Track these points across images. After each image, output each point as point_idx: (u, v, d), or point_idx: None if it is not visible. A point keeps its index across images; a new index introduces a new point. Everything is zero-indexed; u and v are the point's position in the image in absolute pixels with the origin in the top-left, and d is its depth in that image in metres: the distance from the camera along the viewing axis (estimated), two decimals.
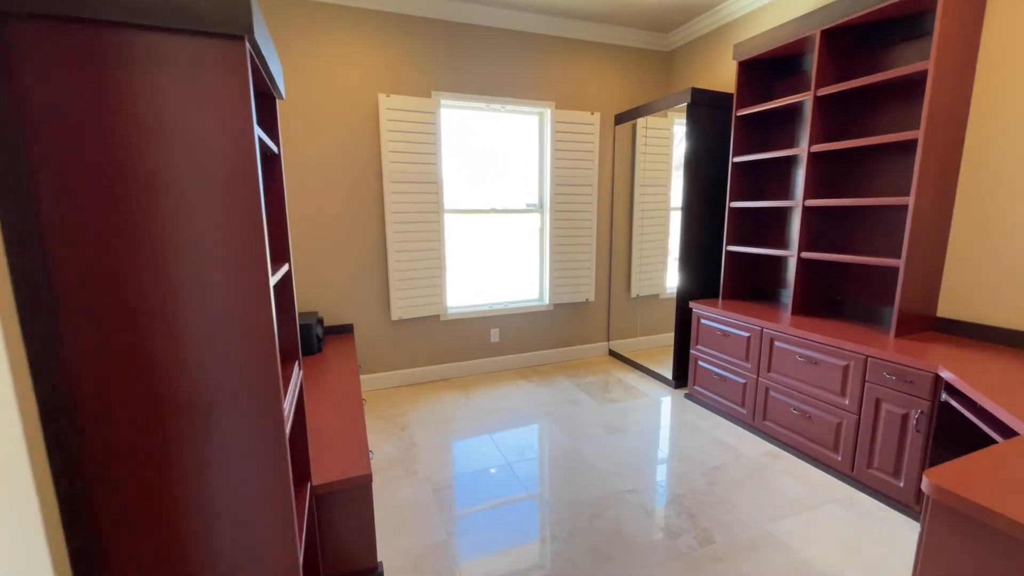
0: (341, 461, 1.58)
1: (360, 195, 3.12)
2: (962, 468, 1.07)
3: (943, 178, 2.09)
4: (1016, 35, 1.92)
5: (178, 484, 0.89)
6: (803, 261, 2.58)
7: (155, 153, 0.79)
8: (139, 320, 0.82)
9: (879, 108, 2.39)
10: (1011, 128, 1.95)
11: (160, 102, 0.78)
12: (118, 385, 0.82)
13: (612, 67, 3.70)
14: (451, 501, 2.10)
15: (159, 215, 0.80)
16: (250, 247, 0.87)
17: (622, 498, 2.10)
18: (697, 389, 3.06)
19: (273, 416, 0.94)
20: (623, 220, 3.91)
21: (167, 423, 0.86)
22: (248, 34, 0.81)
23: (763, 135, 3.02)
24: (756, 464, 2.36)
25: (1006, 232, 1.99)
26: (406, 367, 3.45)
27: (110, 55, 0.74)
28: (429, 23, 3.13)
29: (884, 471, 2.01)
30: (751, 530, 1.88)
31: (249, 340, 0.89)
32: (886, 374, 1.96)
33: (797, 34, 2.45)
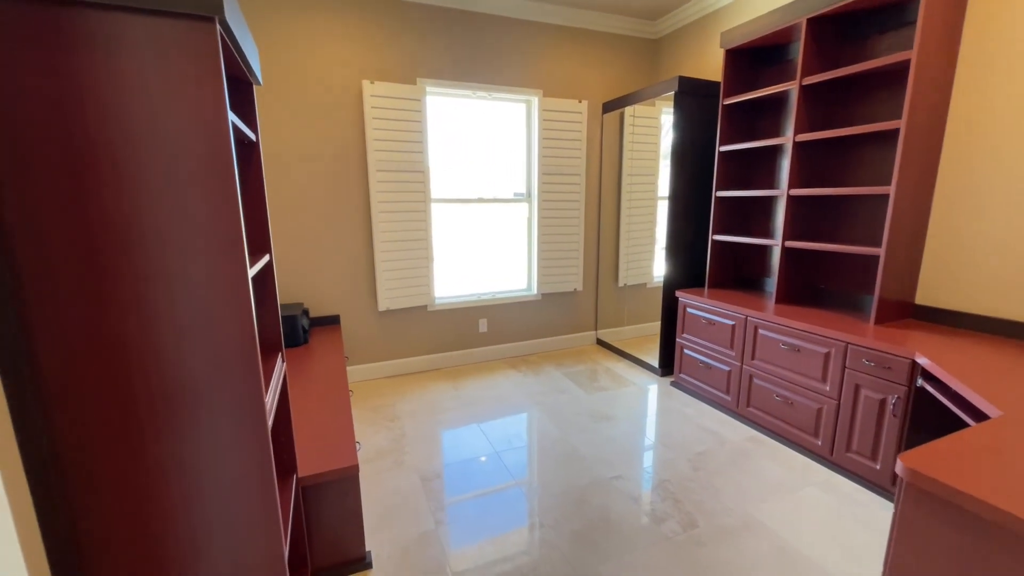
0: (328, 452, 1.57)
1: (345, 184, 3.07)
2: (935, 451, 1.10)
3: (924, 168, 2.12)
4: (997, 26, 1.94)
5: (156, 478, 0.88)
6: (787, 250, 2.61)
7: (121, 141, 0.76)
8: (110, 312, 0.79)
9: (864, 97, 2.40)
10: (990, 119, 1.98)
11: (125, 87, 0.75)
12: (91, 379, 0.80)
13: (600, 55, 3.67)
14: (440, 490, 2.11)
15: (128, 205, 0.78)
16: (226, 237, 0.85)
17: (608, 484, 2.13)
18: (683, 377, 3.10)
19: (254, 408, 0.93)
20: (611, 209, 3.91)
21: (142, 416, 0.85)
22: (219, 15, 0.78)
23: (750, 124, 3.02)
24: (740, 449, 2.40)
25: (983, 222, 2.03)
26: (394, 358, 3.43)
27: (68, 37, 0.71)
28: (414, 7, 3.06)
29: (862, 455, 2.06)
30: (734, 514, 1.92)
31: (228, 331, 0.88)
32: (865, 360, 2.01)
33: (784, 22, 2.45)
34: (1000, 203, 1.97)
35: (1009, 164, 1.94)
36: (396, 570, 1.65)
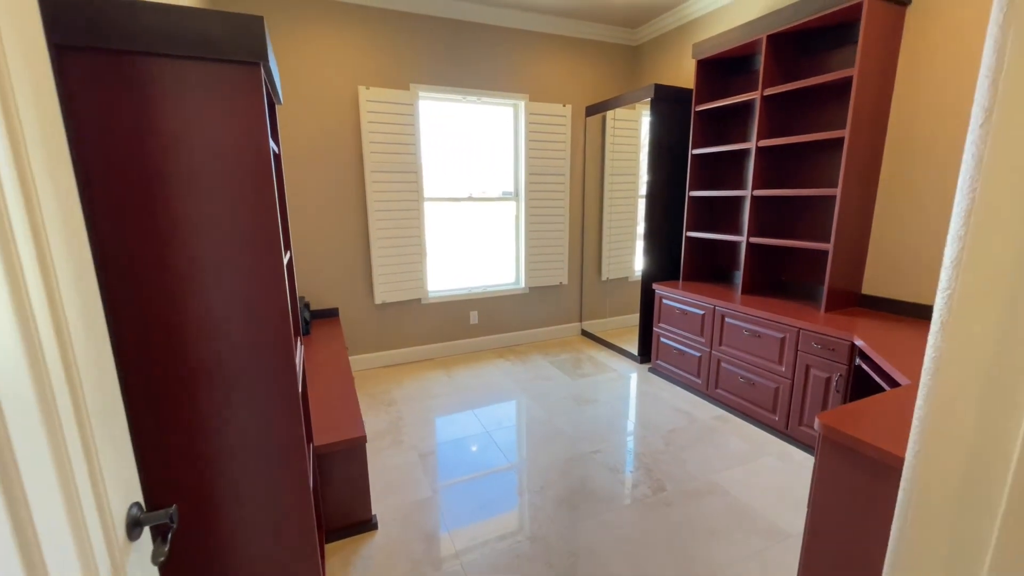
0: (338, 425, 1.78)
1: (343, 185, 3.25)
2: (847, 411, 1.35)
3: (866, 172, 2.38)
4: (929, 47, 2.19)
5: (207, 431, 1.08)
6: (752, 245, 2.86)
7: (187, 160, 0.95)
8: (173, 296, 0.99)
9: (818, 107, 2.66)
10: (924, 128, 2.24)
11: (190, 118, 0.94)
12: (158, 349, 1.00)
13: (583, 61, 3.88)
14: (436, 465, 2.32)
15: (192, 211, 0.97)
16: (267, 235, 1.05)
17: (589, 458, 2.37)
18: (660, 363, 3.35)
19: (289, 378, 1.13)
20: (594, 207, 4.13)
21: (198, 380, 1.05)
22: (263, 61, 0.98)
23: (720, 129, 3.27)
24: (707, 427, 2.66)
25: (920, 220, 2.29)
26: (390, 348, 3.63)
27: (147, 78, 0.90)
28: (407, 17, 3.24)
29: (810, 427, 2.32)
30: (698, 480, 2.17)
31: (269, 313, 1.08)
32: (814, 344, 2.27)
33: (747, 37, 2.69)
34: (934, 202, 2.24)
35: (940, 168, 2.20)
36: (399, 531, 1.87)
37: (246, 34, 0.95)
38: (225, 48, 0.94)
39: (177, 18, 0.90)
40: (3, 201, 0.50)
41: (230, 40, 0.94)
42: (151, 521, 0.75)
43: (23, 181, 0.55)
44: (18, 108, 0.55)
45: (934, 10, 2.17)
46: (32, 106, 0.58)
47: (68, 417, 0.59)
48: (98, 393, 0.69)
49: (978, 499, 0.37)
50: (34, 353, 0.53)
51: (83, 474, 0.62)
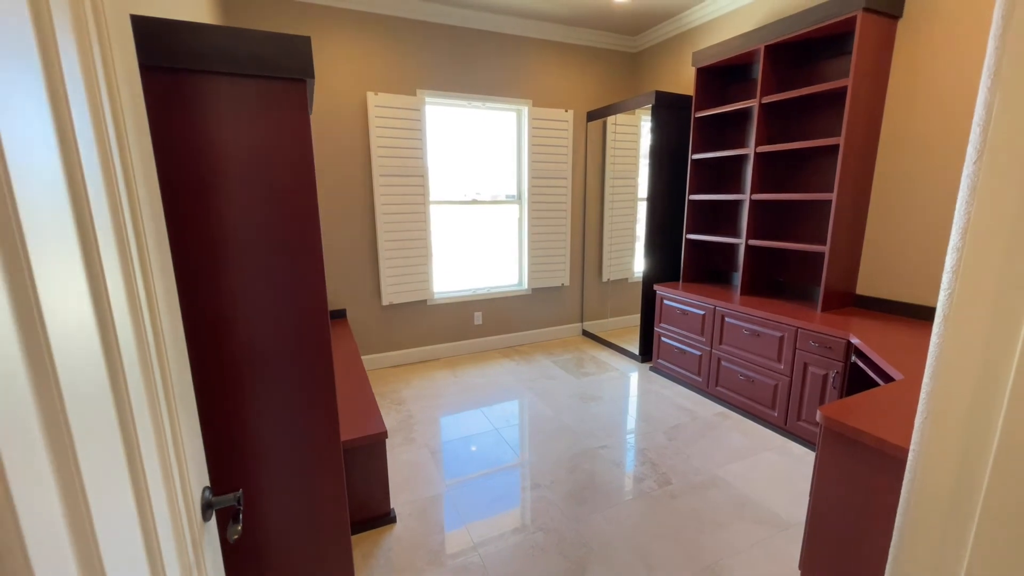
0: (358, 422, 1.84)
1: (352, 189, 3.32)
2: (846, 404, 1.44)
3: (861, 177, 2.48)
4: (920, 58, 2.30)
5: (250, 417, 1.14)
6: (750, 248, 2.96)
7: (240, 166, 1.02)
8: (227, 293, 1.06)
9: (814, 115, 2.76)
10: (915, 135, 2.35)
11: (246, 128, 1.01)
12: (207, 340, 1.06)
13: (584, 67, 3.97)
14: (449, 461, 2.39)
15: (243, 213, 1.04)
16: (311, 237, 1.12)
17: (595, 453, 2.44)
18: (660, 362, 3.44)
19: (327, 372, 1.20)
20: (595, 210, 4.22)
21: (242, 370, 1.11)
22: (309, 77, 1.05)
23: (719, 135, 3.37)
24: (708, 423, 2.75)
25: (911, 223, 2.40)
26: (397, 348, 3.69)
27: (207, 94, 0.97)
28: (414, 24, 3.31)
29: (809, 422, 2.42)
30: (702, 474, 2.26)
31: (310, 311, 1.15)
32: (812, 342, 2.36)
33: (745, 47, 2.79)
34: (924, 207, 2.34)
35: (931, 175, 2.30)
36: (417, 524, 1.93)
37: (294, 53, 1.02)
38: (275, 66, 1.01)
39: (234, 39, 0.97)
40: (119, 204, 0.57)
41: (280, 58, 1.01)
42: (221, 504, 0.82)
43: (128, 187, 0.62)
44: (126, 124, 0.63)
45: (924, 24, 2.27)
46: (132, 119, 0.66)
47: (161, 402, 0.66)
48: (180, 379, 0.76)
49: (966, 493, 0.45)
50: (141, 337, 0.60)
51: (172, 457, 0.68)
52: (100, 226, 0.49)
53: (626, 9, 3.44)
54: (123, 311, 0.54)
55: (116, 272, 0.53)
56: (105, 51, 0.62)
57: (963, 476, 0.41)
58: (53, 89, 0.42)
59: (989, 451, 0.45)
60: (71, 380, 0.38)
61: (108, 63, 0.62)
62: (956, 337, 0.41)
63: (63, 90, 0.44)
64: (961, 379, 0.43)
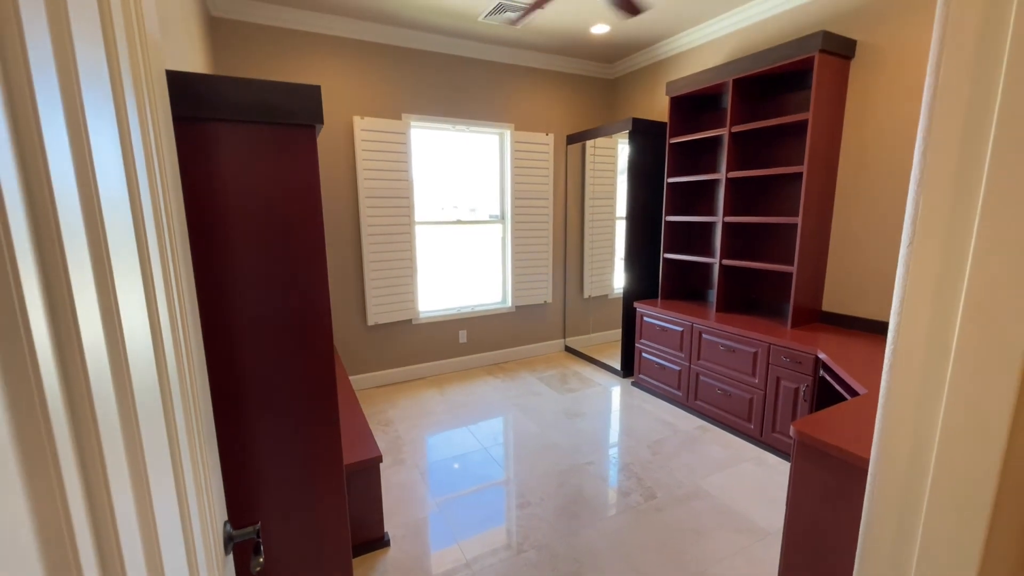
0: (352, 445, 1.86)
1: (338, 211, 3.35)
2: (818, 418, 1.55)
3: (823, 202, 2.67)
4: (871, 93, 2.52)
5: (254, 446, 1.17)
6: (724, 267, 3.12)
7: (255, 204, 1.07)
8: (239, 321, 1.10)
9: (780, 143, 2.96)
10: (869, 164, 2.55)
11: (261, 170, 1.06)
12: (219, 373, 1.10)
13: (564, 92, 4.13)
14: (438, 481, 2.41)
15: (261, 245, 1.09)
16: (318, 268, 1.17)
17: (582, 469, 2.51)
18: (642, 377, 3.55)
19: (331, 396, 1.24)
20: (575, 229, 4.35)
21: (248, 399, 1.14)
22: (319, 122, 1.11)
23: (693, 160, 3.55)
24: (689, 436, 2.85)
25: (868, 246, 2.59)
26: (383, 368, 3.70)
27: (226, 140, 1.02)
28: (400, 51, 3.40)
29: (783, 434, 2.55)
30: (685, 486, 2.35)
31: (317, 336, 1.19)
32: (783, 357, 2.51)
33: (715, 80, 2.98)
34: (880, 230, 2.54)
35: (885, 200, 2.50)
36: (411, 547, 1.96)
37: (305, 101, 1.09)
38: (288, 113, 1.07)
39: (251, 90, 1.03)
40: (164, 237, 0.63)
41: (292, 107, 1.07)
42: (241, 537, 0.85)
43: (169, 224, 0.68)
44: (166, 170, 0.68)
45: (873, 64, 2.49)
46: (169, 164, 0.72)
47: (195, 431, 0.71)
48: (205, 411, 0.80)
49: (915, 495, 0.53)
50: (181, 363, 0.65)
51: (205, 489, 0.73)
52: (152, 253, 0.56)
53: (603, 39, 3.62)
54: (168, 336, 0.60)
55: (163, 297, 0.59)
56: (153, 104, 0.68)
57: (912, 470, 0.50)
58: (123, 137, 0.50)
59: (933, 444, 0.53)
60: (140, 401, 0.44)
61: (155, 114, 0.69)
62: (903, 342, 0.49)
63: (128, 139, 0.51)
64: (907, 381, 0.52)
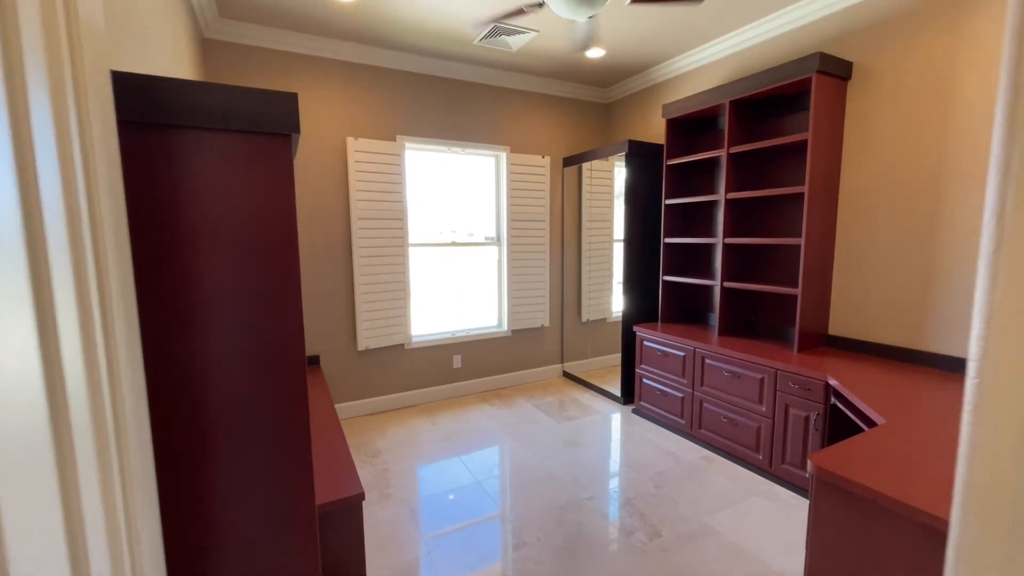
0: (333, 482, 1.72)
1: (329, 232, 3.27)
2: (836, 452, 1.44)
3: (825, 222, 2.61)
4: (870, 112, 2.49)
5: (210, 495, 1.04)
6: (725, 289, 3.03)
7: (222, 220, 0.98)
8: (195, 347, 0.99)
9: (780, 164, 2.92)
10: (870, 182, 2.50)
11: (234, 182, 0.98)
12: (168, 401, 0.98)
13: (559, 115, 4.13)
14: (428, 519, 2.25)
15: (226, 265, 0.99)
16: (291, 289, 1.07)
17: (582, 504, 2.36)
18: (643, 404, 3.42)
19: (303, 433, 1.12)
20: (572, 251, 4.29)
21: (205, 437, 1.02)
22: (295, 131, 1.03)
23: (690, 181, 3.52)
24: (694, 467, 2.71)
25: (872, 267, 2.52)
26: (373, 395, 3.55)
27: (192, 149, 0.94)
28: (394, 74, 3.39)
29: (794, 465, 2.41)
30: (691, 523, 2.20)
31: (288, 364, 1.08)
32: (791, 384, 2.39)
33: (712, 102, 2.96)
34: (885, 250, 2.47)
35: (888, 220, 2.44)
36: None
37: (281, 109, 1.01)
38: (263, 122, 0.99)
39: (220, 95, 0.95)
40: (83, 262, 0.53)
41: (266, 114, 1.00)
42: None
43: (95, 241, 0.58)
44: (98, 179, 0.59)
45: (869, 86, 2.47)
46: (105, 175, 0.62)
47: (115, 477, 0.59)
48: (140, 452, 0.69)
49: None
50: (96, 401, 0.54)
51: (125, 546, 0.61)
52: (58, 281, 0.46)
53: (598, 64, 3.63)
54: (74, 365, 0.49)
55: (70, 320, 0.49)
56: (81, 107, 0.60)
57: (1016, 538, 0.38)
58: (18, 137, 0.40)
59: None
60: None
61: (84, 118, 0.60)
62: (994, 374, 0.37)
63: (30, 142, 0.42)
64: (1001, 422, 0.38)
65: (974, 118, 2.12)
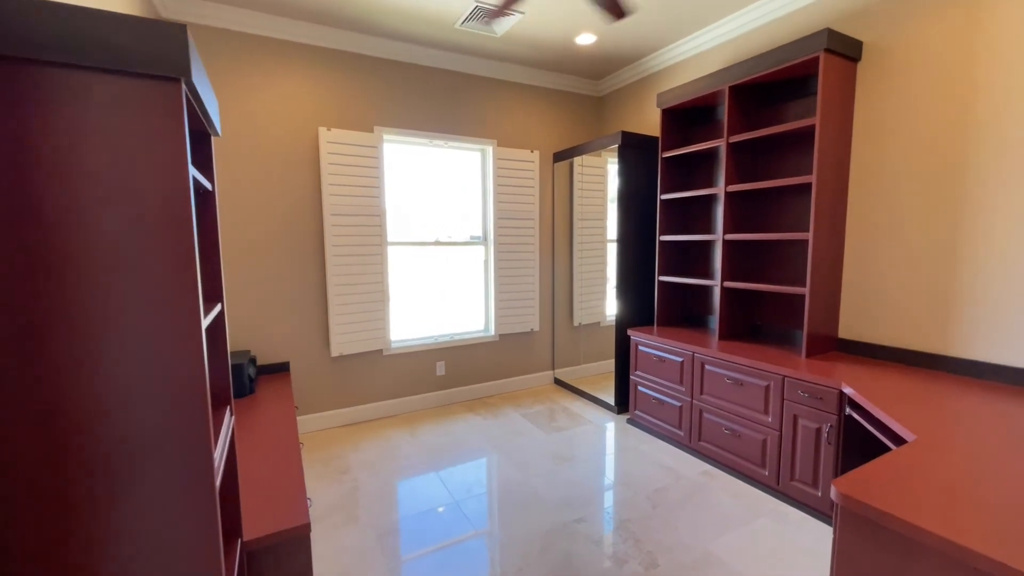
0: (276, 511, 1.48)
1: (299, 228, 3.03)
2: (864, 475, 1.21)
3: (834, 216, 2.40)
4: (881, 94, 2.29)
5: (90, 553, 0.80)
6: (726, 290, 2.81)
7: (80, 194, 0.75)
8: (48, 372, 0.75)
9: (783, 154, 2.72)
10: (882, 174, 2.29)
11: (89, 143, 0.75)
12: (21, 446, 0.74)
13: (549, 109, 3.93)
14: (397, 546, 2.00)
15: (81, 256, 0.76)
16: (182, 289, 0.84)
17: (571, 528, 2.11)
18: (638, 414, 3.18)
19: (202, 471, 0.88)
20: (564, 252, 4.07)
21: (79, 486, 0.78)
22: (185, 76, 0.81)
23: (687, 175, 3.31)
24: (694, 484, 2.47)
25: (885, 264, 2.30)
26: (347, 405, 3.30)
27: (30, 93, 0.71)
28: (371, 61, 3.18)
29: (804, 482, 2.18)
30: (692, 551, 1.96)
31: (177, 387, 0.84)
32: (800, 392, 2.17)
33: (710, 88, 2.76)
34: (900, 244, 2.25)
35: (901, 210, 2.23)
36: None
37: (165, 44, 0.78)
38: (137, 60, 0.76)
39: (77, 21, 0.72)
40: None
41: (144, 50, 0.77)
42: None
43: None
44: None
45: (881, 68, 2.27)
46: None
47: None
48: None
49: None
50: None
51: None
52: None
53: (589, 52, 3.43)
54: None
55: None
56: None
57: None
58: None
59: None
60: None
61: None
62: None
63: None
64: None
65: (999, 100, 1.92)
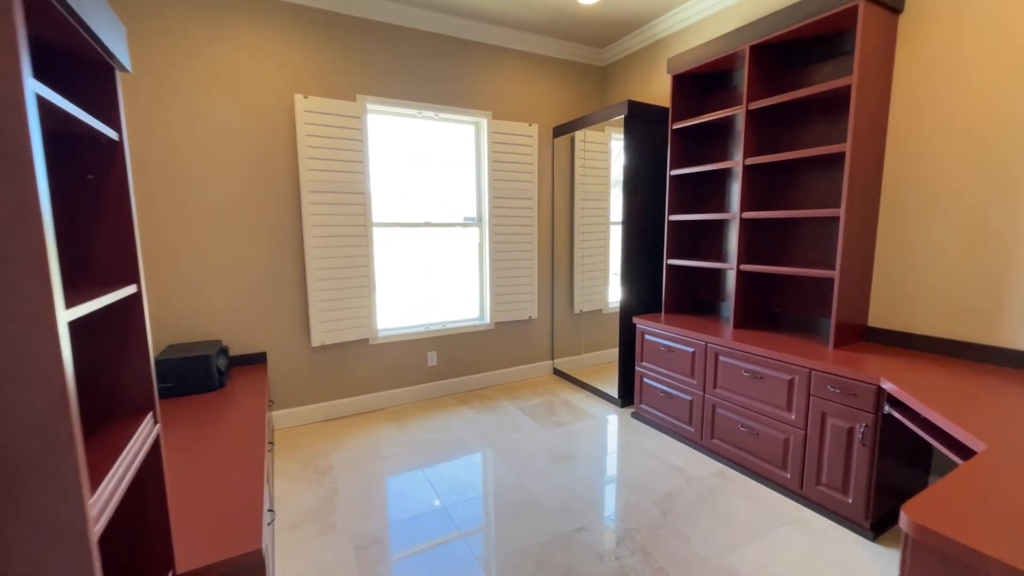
0: (224, 535, 1.25)
1: (274, 207, 2.77)
2: (939, 499, 0.97)
3: (868, 189, 2.14)
4: (926, 50, 2.01)
5: None
6: (742, 274, 2.56)
7: None
8: None
9: (807, 122, 2.44)
10: (924, 144, 2.03)
11: None
12: None
13: (549, 80, 3.63)
14: (376, 559, 1.78)
15: None
16: (20, 268, 0.58)
17: (571, 539, 1.89)
18: (644, 407, 2.96)
19: (70, 518, 0.64)
20: (564, 234, 3.80)
21: None
22: None
23: (699, 148, 3.03)
24: (707, 486, 2.25)
25: (928, 243, 2.05)
26: (330, 399, 3.07)
27: None
28: (352, 21, 2.88)
29: (832, 487, 1.96)
30: (708, 565, 1.74)
31: (25, 406, 0.60)
32: (830, 387, 1.93)
33: (728, 49, 2.47)
34: (943, 222, 2.00)
35: (943, 185, 1.97)
36: None
37: None
38: None
39: None
40: None
41: None
42: None
43: None
44: None
45: (927, 20, 1.99)
46: None
47: None
48: None
49: None
50: None
51: None
52: None
53: (593, 14, 3.12)
54: None
55: None
56: None
57: None
58: None
59: None
60: None
61: None
62: None
63: None
64: None
65: None
